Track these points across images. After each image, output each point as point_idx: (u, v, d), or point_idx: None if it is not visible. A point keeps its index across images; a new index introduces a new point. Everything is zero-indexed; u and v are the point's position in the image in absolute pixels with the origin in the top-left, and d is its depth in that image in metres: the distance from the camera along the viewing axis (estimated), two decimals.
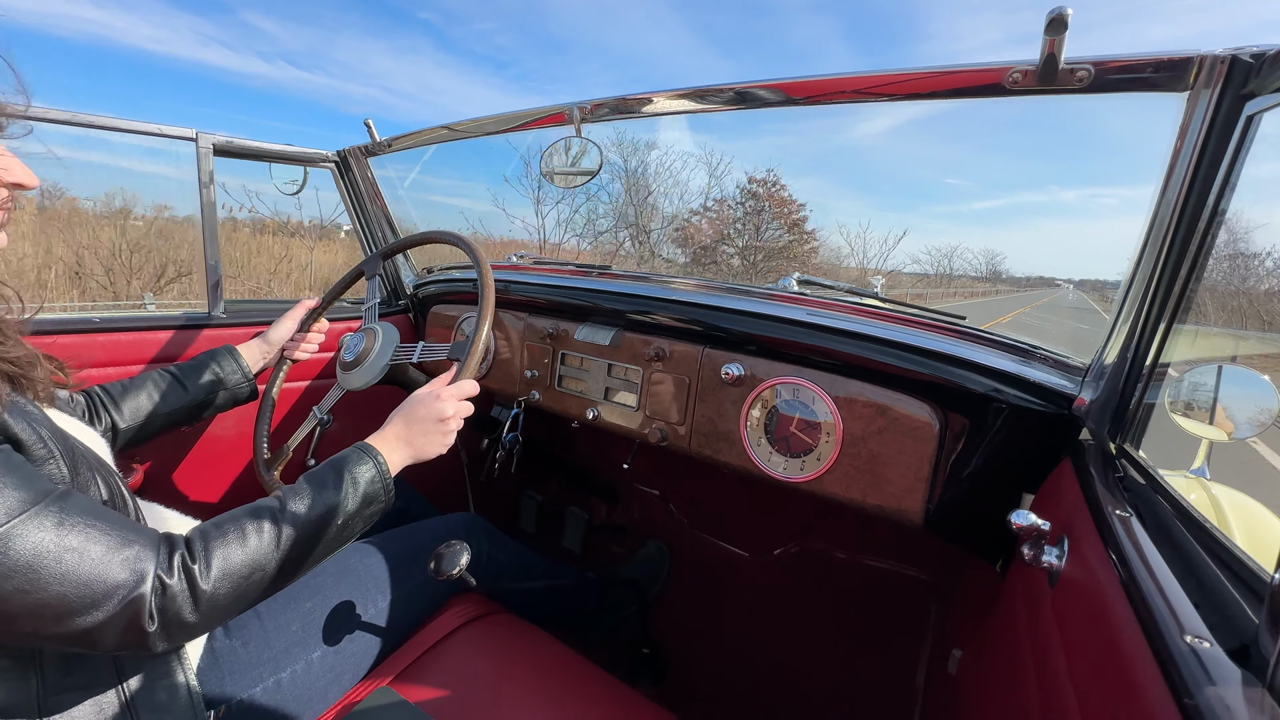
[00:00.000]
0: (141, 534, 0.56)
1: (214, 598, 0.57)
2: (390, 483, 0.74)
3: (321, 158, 1.47)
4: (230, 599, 0.59)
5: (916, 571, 1.34)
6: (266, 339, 1.11)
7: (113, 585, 0.52)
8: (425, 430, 0.79)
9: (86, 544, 0.52)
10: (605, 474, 1.78)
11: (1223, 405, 0.87)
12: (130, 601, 0.52)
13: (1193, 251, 0.60)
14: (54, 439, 0.59)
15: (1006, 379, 0.81)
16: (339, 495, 0.68)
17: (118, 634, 0.53)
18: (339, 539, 0.69)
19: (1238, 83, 0.56)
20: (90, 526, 0.53)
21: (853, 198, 45.08)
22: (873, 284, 1.12)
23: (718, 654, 1.42)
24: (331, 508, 0.67)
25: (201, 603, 0.56)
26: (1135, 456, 0.66)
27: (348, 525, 0.69)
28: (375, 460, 0.73)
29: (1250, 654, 0.36)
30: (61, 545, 0.50)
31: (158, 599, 0.54)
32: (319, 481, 0.69)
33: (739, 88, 0.90)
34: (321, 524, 0.66)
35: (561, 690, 0.80)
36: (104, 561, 0.52)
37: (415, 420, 0.80)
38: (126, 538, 0.54)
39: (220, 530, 0.61)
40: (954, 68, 0.73)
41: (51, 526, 0.50)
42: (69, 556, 0.50)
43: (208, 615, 0.57)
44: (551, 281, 1.33)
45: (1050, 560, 0.57)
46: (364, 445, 0.75)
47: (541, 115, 1.17)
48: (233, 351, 1.06)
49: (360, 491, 0.70)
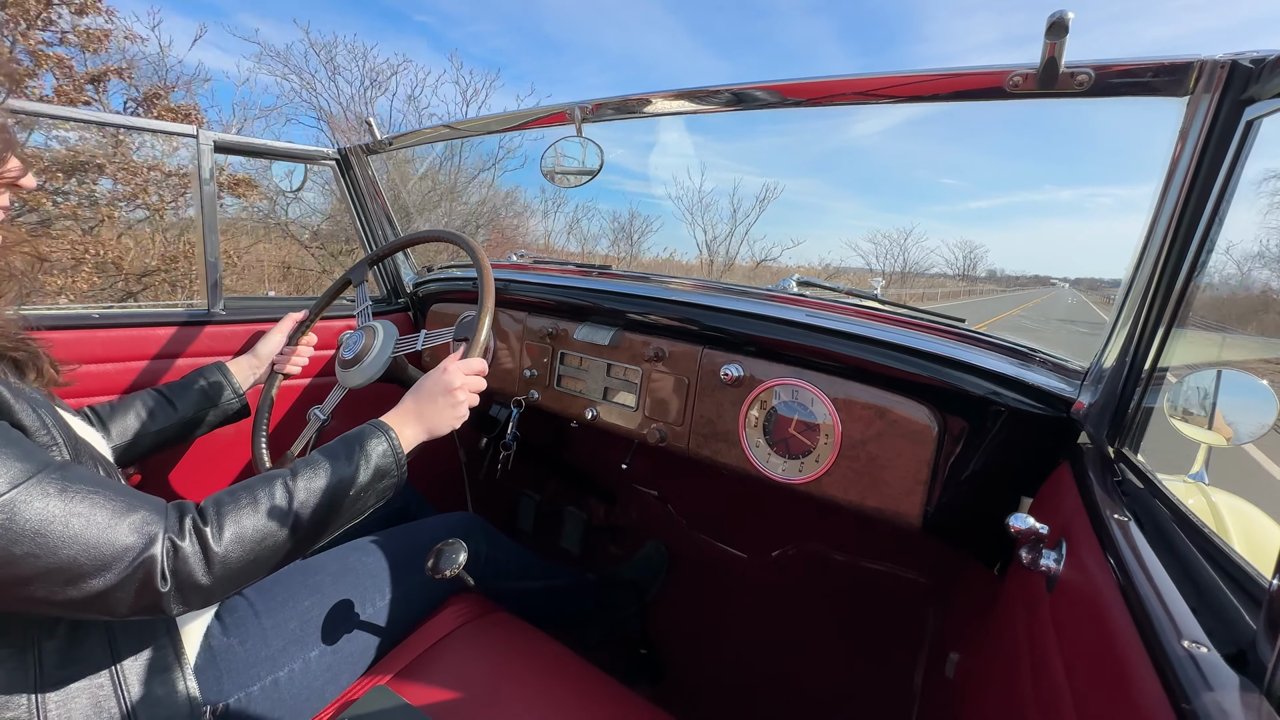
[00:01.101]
0: (147, 500, 0.57)
1: (226, 560, 0.57)
2: (403, 457, 0.74)
3: (322, 155, 1.47)
4: (242, 563, 0.59)
5: (914, 574, 1.34)
6: (255, 354, 1.11)
7: (122, 547, 0.52)
8: (434, 401, 0.80)
9: (92, 509, 0.52)
10: (604, 474, 1.78)
11: (1222, 410, 0.87)
12: (142, 563, 0.53)
13: (1191, 256, 0.60)
14: (56, 427, 0.60)
15: (1005, 382, 0.81)
16: (351, 467, 0.69)
17: (131, 596, 0.53)
18: (351, 512, 0.69)
19: (1237, 88, 0.56)
20: (95, 492, 0.53)
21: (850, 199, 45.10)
22: (873, 285, 1.12)
23: (716, 655, 1.42)
24: (343, 479, 0.68)
25: (215, 565, 0.57)
26: (1134, 461, 0.66)
27: (359, 498, 0.69)
28: (387, 435, 0.74)
29: (1248, 660, 0.36)
30: (68, 510, 0.51)
31: (170, 560, 0.54)
32: (331, 454, 0.69)
33: (740, 89, 0.90)
34: (333, 495, 0.67)
35: (559, 690, 0.80)
36: (111, 525, 0.52)
37: (424, 393, 0.80)
38: (132, 503, 0.55)
39: (233, 497, 0.61)
40: (955, 70, 0.73)
41: (56, 493, 0.51)
42: (76, 521, 0.51)
43: (221, 578, 0.58)
44: (551, 281, 1.33)
45: (1048, 564, 0.57)
46: (376, 421, 0.76)
47: (542, 115, 1.17)
48: (223, 369, 1.06)
49: (372, 465, 0.70)
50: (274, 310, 1.34)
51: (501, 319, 1.35)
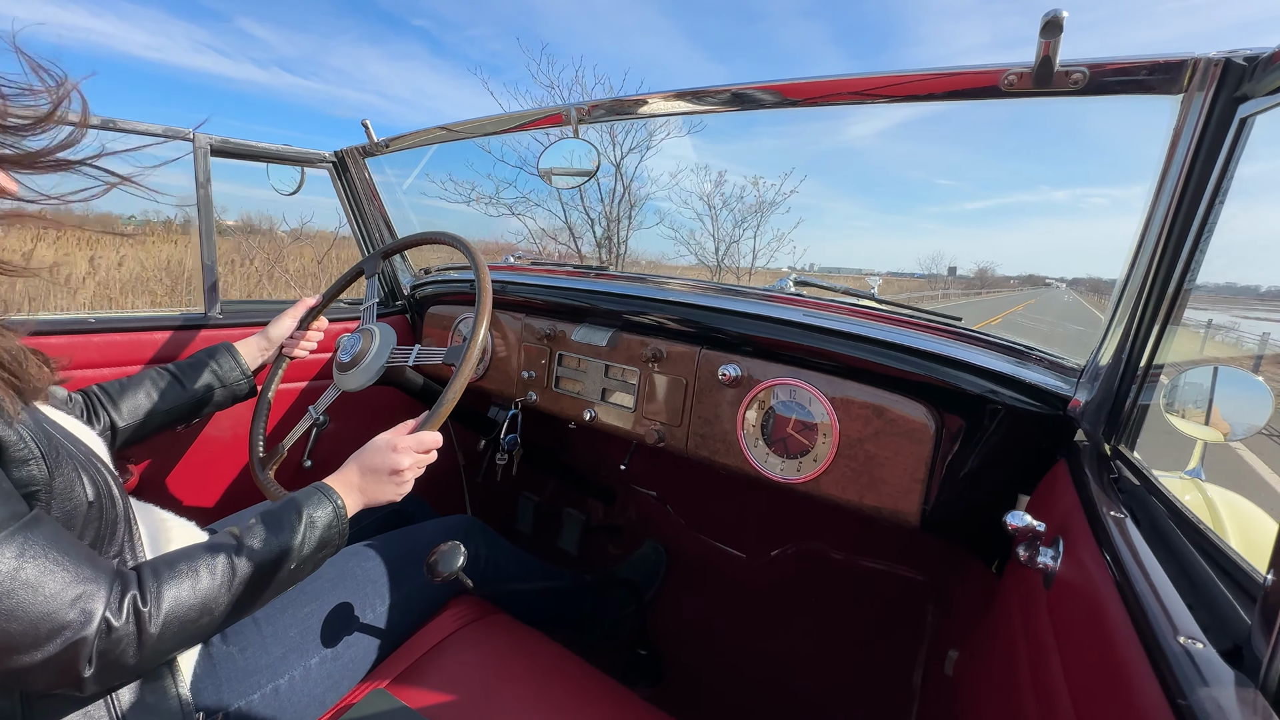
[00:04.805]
0: (98, 570, 0.55)
1: (159, 641, 0.56)
2: (346, 528, 0.74)
3: (319, 158, 1.47)
4: (174, 642, 0.58)
5: (913, 572, 1.34)
6: (266, 335, 1.12)
7: (59, 624, 0.50)
8: (378, 480, 0.80)
9: (42, 578, 0.50)
10: (602, 475, 1.78)
11: (1218, 406, 0.87)
12: (74, 644, 0.51)
13: (1186, 254, 0.61)
14: (36, 437, 0.57)
15: (1002, 380, 0.82)
16: (296, 538, 0.68)
17: (51, 675, 0.51)
18: (289, 580, 0.69)
19: (1231, 86, 0.56)
20: (50, 559, 0.51)
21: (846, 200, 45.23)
22: (870, 285, 1.13)
23: (715, 655, 1.42)
24: (286, 550, 0.67)
25: (146, 647, 0.55)
26: (1130, 458, 0.66)
27: (300, 568, 0.70)
28: (335, 504, 0.74)
29: (1243, 655, 0.36)
30: (16, 580, 0.48)
31: (101, 641, 0.52)
32: (277, 522, 0.69)
33: (738, 89, 0.90)
34: (275, 566, 0.66)
35: (559, 692, 0.80)
36: (56, 598, 0.50)
37: (369, 470, 0.80)
38: (82, 573, 0.53)
39: (173, 571, 0.60)
40: (950, 70, 0.73)
41: (12, 557, 0.49)
42: (22, 592, 0.48)
43: (149, 659, 0.57)
44: (549, 282, 1.32)
45: (1045, 561, 0.57)
46: (323, 486, 0.75)
47: (539, 116, 1.17)
48: (231, 349, 1.06)
49: (317, 534, 0.70)
50: (271, 314, 1.34)
51: (499, 321, 1.35)
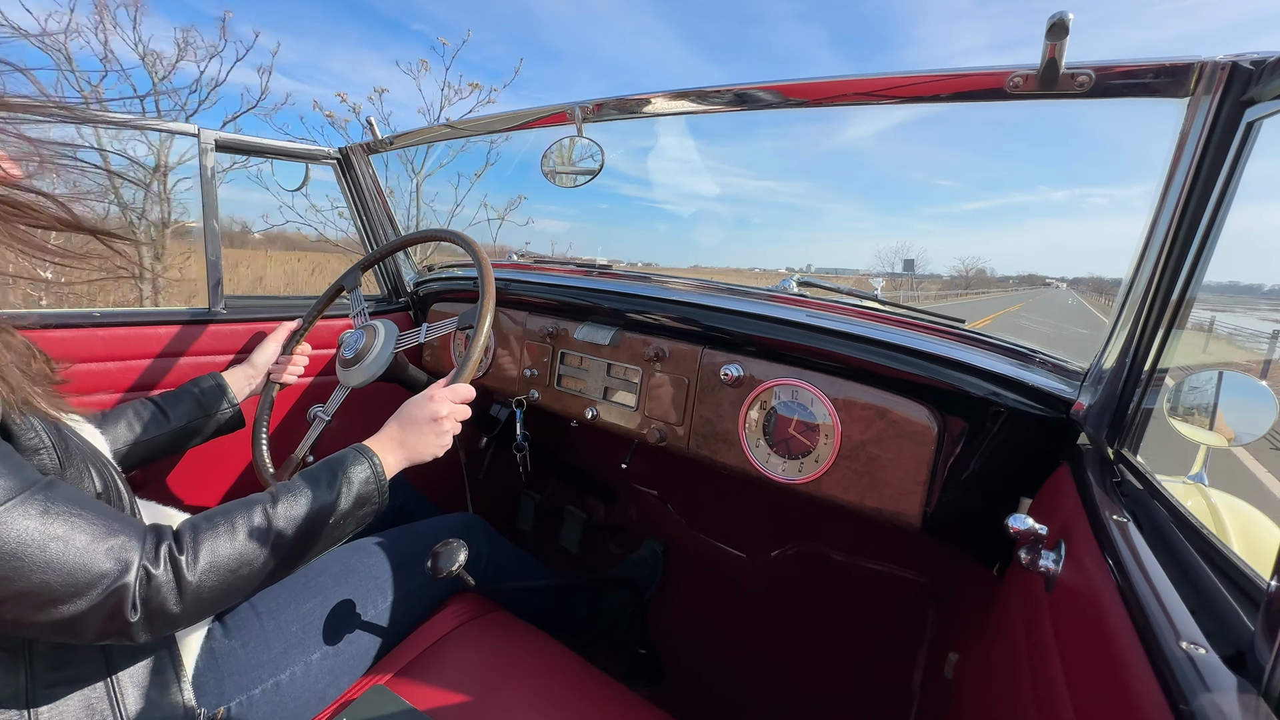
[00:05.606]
0: (128, 524, 0.56)
1: (199, 590, 0.57)
2: (385, 484, 0.74)
3: (323, 154, 1.47)
4: (216, 592, 0.59)
5: (914, 574, 1.34)
6: (251, 364, 1.11)
7: (97, 574, 0.52)
8: (419, 431, 0.79)
9: (71, 532, 0.51)
10: (603, 474, 1.78)
11: (1223, 411, 0.87)
12: (114, 590, 0.52)
13: (1191, 258, 0.60)
14: (46, 429, 0.59)
15: (1005, 383, 0.81)
16: (332, 494, 0.68)
17: (100, 622, 0.53)
18: (330, 538, 0.69)
19: (1238, 89, 0.56)
20: (76, 515, 0.53)
21: (847, 200, 45.11)
22: (873, 286, 1.13)
23: (715, 655, 1.42)
24: (324, 506, 0.67)
25: (186, 594, 0.56)
26: (1133, 462, 0.66)
27: (340, 525, 0.69)
28: (371, 461, 0.73)
29: (1246, 661, 0.36)
30: (46, 533, 0.50)
31: (142, 589, 0.54)
32: (313, 479, 0.69)
33: (741, 89, 0.90)
34: (313, 522, 0.66)
35: (558, 690, 0.80)
36: (89, 550, 0.52)
37: (409, 421, 0.80)
38: (112, 527, 0.54)
39: (210, 523, 0.61)
40: (956, 71, 0.73)
41: (36, 514, 0.50)
42: (53, 545, 0.50)
43: (192, 607, 0.57)
44: (551, 280, 1.33)
45: (1047, 565, 0.57)
46: (360, 446, 0.76)
47: (543, 115, 1.17)
48: (218, 379, 1.05)
49: (354, 492, 0.70)
50: (275, 309, 1.35)
51: (502, 319, 1.35)
